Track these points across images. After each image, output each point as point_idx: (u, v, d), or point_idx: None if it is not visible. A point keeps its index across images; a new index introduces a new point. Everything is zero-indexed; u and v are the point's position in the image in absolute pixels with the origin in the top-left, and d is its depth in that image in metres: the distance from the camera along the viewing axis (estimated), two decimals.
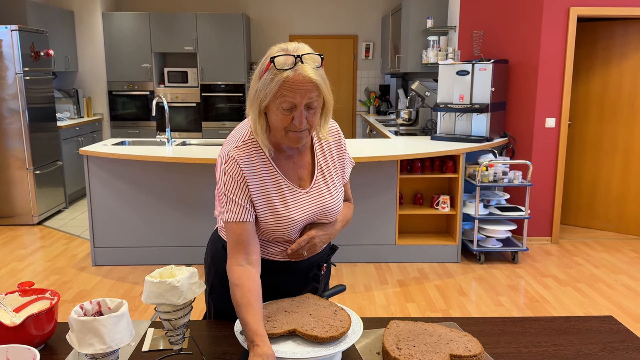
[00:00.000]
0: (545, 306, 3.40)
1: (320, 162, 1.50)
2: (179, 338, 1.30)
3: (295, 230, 1.45)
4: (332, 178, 1.51)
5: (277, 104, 1.30)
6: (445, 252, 4.18)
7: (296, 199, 1.43)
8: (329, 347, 1.24)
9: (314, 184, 1.47)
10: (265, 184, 1.40)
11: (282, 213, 1.41)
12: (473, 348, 1.34)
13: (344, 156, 1.57)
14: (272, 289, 1.51)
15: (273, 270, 1.51)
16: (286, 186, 1.42)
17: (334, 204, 1.50)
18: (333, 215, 1.51)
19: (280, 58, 1.28)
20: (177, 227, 4.07)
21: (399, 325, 1.45)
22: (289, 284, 1.56)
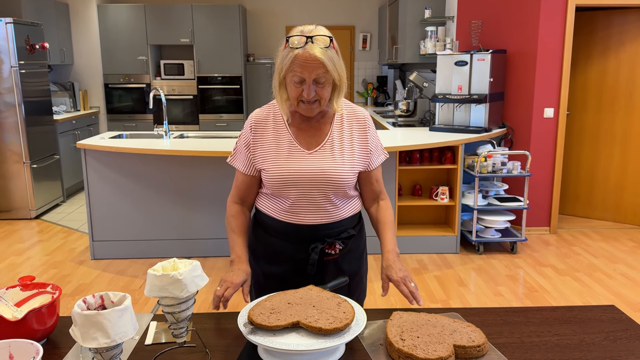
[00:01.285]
0: (544, 296, 3.42)
1: (334, 135, 1.61)
2: (182, 331, 1.29)
3: (297, 187, 1.56)
4: (342, 150, 1.59)
5: (290, 77, 1.49)
6: (444, 243, 4.18)
7: (299, 156, 1.57)
8: (332, 338, 1.24)
9: (320, 148, 1.58)
10: (272, 140, 1.59)
11: (282, 165, 1.56)
12: (476, 338, 1.34)
13: (368, 143, 1.64)
14: (271, 250, 1.67)
15: (275, 228, 1.65)
16: (293, 146, 1.58)
17: (336, 170, 1.57)
18: (334, 183, 1.57)
19: (295, 38, 1.48)
20: (175, 220, 4.06)
21: (402, 317, 1.45)
22: (288, 249, 1.65)
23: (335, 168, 1.57)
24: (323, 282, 1.61)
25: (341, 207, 1.64)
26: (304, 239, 1.63)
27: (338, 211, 1.63)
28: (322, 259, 1.65)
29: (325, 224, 1.62)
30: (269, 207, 1.66)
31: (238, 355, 1.32)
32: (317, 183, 1.57)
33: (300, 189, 1.57)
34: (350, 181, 1.61)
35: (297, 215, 1.61)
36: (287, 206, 1.60)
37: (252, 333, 1.26)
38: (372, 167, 1.66)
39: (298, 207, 1.60)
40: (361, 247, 1.78)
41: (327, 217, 1.62)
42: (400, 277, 1.55)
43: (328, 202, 1.60)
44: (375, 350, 1.35)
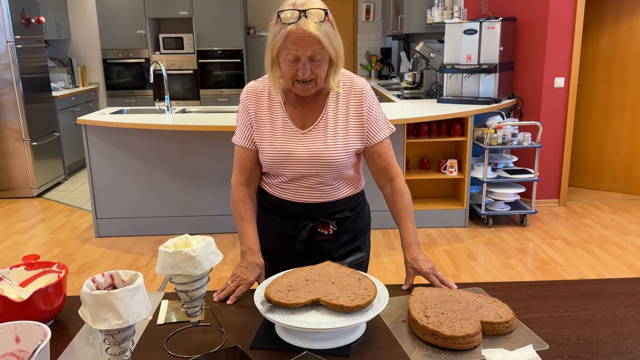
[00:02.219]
0: (556, 269, 3.37)
1: (329, 113, 1.51)
2: (196, 310, 1.23)
3: (290, 168, 1.50)
4: (335, 130, 1.50)
5: (283, 55, 1.39)
6: (453, 217, 4.12)
7: (292, 137, 1.50)
8: (355, 316, 1.18)
9: (313, 128, 1.50)
10: (267, 117, 1.52)
11: (276, 145, 1.50)
12: (504, 314, 1.28)
13: (364, 116, 1.52)
14: (263, 223, 1.63)
15: (268, 202, 1.60)
16: (287, 125, 1.51)
17: (329, 152, 1.49)
18: (325, 164, 1.50)
19: (287, 12, 1.36)
20: (179, 197, 3.99)
21: (424, 292, 1.38)
22: (280, 224, 1.60)
23: (327, 150, 1.49)
24: (317, 262, 1.52)
25: (337, 187, 1.57)
26: (297, 216, 1.58)
27: (333, 191, 1.56)
28: (315, 238, 1.59)
29: (318, 203, 1.56)
30: (264, 183, 1.60)
31: (255, 334, 1.26)
32: (310, 165, 1.50)
33: (294, 169, 1.51)
34: (344, 163, 1.52)
35: (290, 193, 1.55)
36: (281, 183, 1.55)
37: (270, 311, 1.20)
38: (372, 142, 1.55)
39: (292, 185, 1.54)
40: (361, 228, 1.68)
41: (321, 196, 1.55)
42: (429, 268, 1.48)
43: (322, 183, 1.54)
44: (398, 328, 1.29)
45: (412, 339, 1.24)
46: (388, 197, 1.59)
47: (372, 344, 1.21)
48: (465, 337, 1.19)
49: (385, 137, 1.56)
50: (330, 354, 1.17)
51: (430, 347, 1.20)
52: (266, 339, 1.23)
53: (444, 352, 1.18)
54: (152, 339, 1.26)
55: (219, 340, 1.25)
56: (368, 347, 1.20)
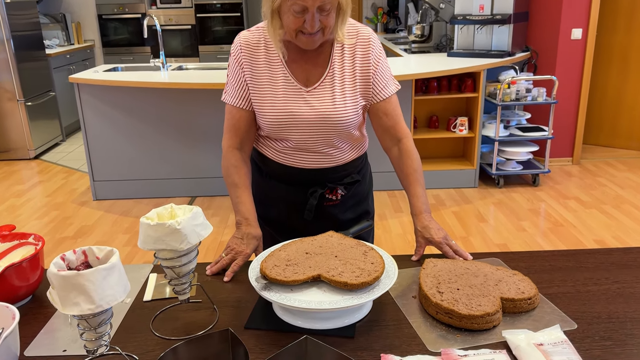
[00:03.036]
0: (570, 230, 3.24)
1: (335, 67, 1.35)
2: (185, 287, 1.11)
3: (295, 131, 1.35)
4: (343, 85, 1.35)
5: (288, 5, 1.22)
6: (463, 177, 3.97)
7: (295, 95, 1.35)
8: (360, 294, 1.05)
9: (319, 85, 1.35)
10: (265, 73, 1.35)
11: (279, 107, 1.34)
12: (526, 289, 1.15)
13: (370, 69, 1.36)
14: (265, 190, 1.50)
15: (271, 169, 1.46)
16: (289, 82, 1.35)
17: (338, 112, 1.34)
18: (333, 125, 1.35)
19: None
20: (178, 159, 3.85)
21: (436, 265, 1.26)
22: (285, 191, 1.47)
23: (336, 109, 1.34)
24: (323, 229, 1.38)
25: (345, 150, 1.42)
26: (303, 182, 1.44)
27: (342, 155, 1.42)
28: (322, 204, 1.46)
29: (327, 168, 1.42)
30: (264, 147, 1.45)
31: (251, 312, 1.14)
32: (318, 126, 1.35)
33: (299, 132, 1.36)
34: (354, 121, 1.37)
35: (295, 159, 1.41)
36: (285, 149, 1.41)
37: (266, 289, 1.08)
38: (379, 99, 1.38)
39: (297, 151, 1.39)
40: (365, 190, 1.56)
41: (329, 161, 1.41)
42: (442, 237, 1.34)
43: (330, 146, 1.39)
44: (408, 304, 1.17)
45: (423, 318, 1.12)
46: (395, 160, 1.44)
47: (380, 323, 1.09)
48: (484, 317, 1.06)
49: (392, 93, 1.40)
50: (333, 334, 1.06)
51: (444, 326, 1.08)
52: (263, 319, 1.11)
53: (460, 332, 1.06)
54: (137, 317, 1.15)
55: (211, 319, 1.13)
56: (375, 326, 1.08)
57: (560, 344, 0.98)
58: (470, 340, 1.04)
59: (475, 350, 0.99)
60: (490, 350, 0.99)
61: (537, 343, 0.98)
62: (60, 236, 3.29)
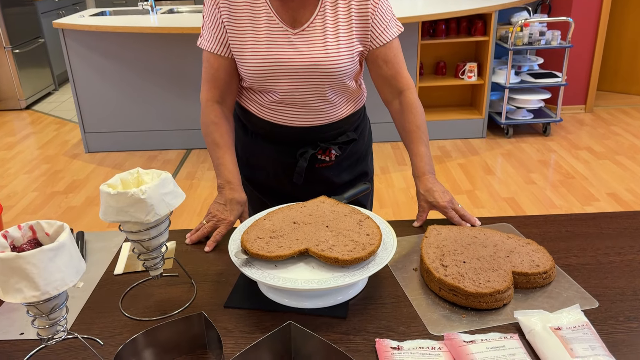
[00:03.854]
0: (582, 183, 3.09)
1: (327, 5, 1.17)
2: (156, 262, 0.99)
3: (281, 81, 1.18)
4: (336, 27, 1.18)
5: None
6: (470, 127, 3.80)
7: (281, 38, 1.17)
8: (353, 271, 0.92)
9: (308, 27, 1.17)
10: (245, 15, 1.18)
11: (261, 53, 1.17)
12: (541, 261, 1.02)
13: (369, 8, 1.18)
14: (250, 150, 1.34)
15: (257, 127, 1.30)
16: (273, 22, 1.17)
17: (328, 59, 1.16)
18: (325, 74, 1.17)
19: None
20: (172, 109, 3.68)
21: (440, 233, 1.12)
22: (272, 151, 1.31)
23: (328, 55, 1.16)
24: (316, 193, 1.23)
25: (339, 104, 1.25)
26: (291, 142, 1.28)
27: (335, 110, 1.25)
28: (314, 166, 1.31)
29: (318, 125, 1.25)
30: (247, 101, 1.28)
31: (233, 287, 1.02)
32: (307, 75, 1.18)
33: (286, 83, 1.19)
34: (349, 69, 1.19)
35: (282, 115, 1.24)
36: (270, 103, 1.24)
37: (247, 265, 0.95)
38: (378, 44, 1.21)
39: (284, 105, 1.22)
40: (363, 149, 1.40)
41: (321, 117, 1.25)
42: (447, 201, 1.20)
43: (322, 99, 1.22)
44: (408, 278, 1.04)
45: (425, 294, 0.99)
46: (396, 115, 1.28)
47: (375, 301, 0.97)
48: (493, 294, 0.94)
49: (394, 37, 1.22)
50: (323, 314, 0.94)
51: (448, 305, 0.96)
52: (245, 296, 0.99)
53: (466, 311, 0.94)
54: (106, 294, 1.03)
55: (188, 296, 1.01)
56: (370, 304, 0.96)
57: (580, 329, 0.86)
58: (477, 322, 0.92)
59: (483, 335, 0.87)
60: (499, 334, 0.87)
61: (554, 327, 0.86)
62: (50, 191, 3.18)
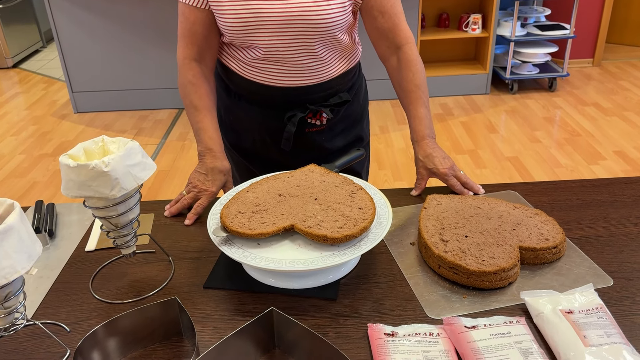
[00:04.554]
0: (588, 140, 2.98)
1: None
2: (128, 240, 0.90)
3: (265, 35, 1.06)
4: None
5: None
6: (473, 83, 3.65)
7: None
8: (344, 250, 0.83)
9: None
10: None
11: (240, 1, 1.03)
12: (551, 235, 0.93)
13: None
14: (233, 113, 1.22)
15: (240, 87, 1.18)
16: None
17: (317, 9, 1.03)
18: (314, 26, 1.05)
19: None
20: (162, 67, 3.53)
21: (441, 203, 1.03)
22: (257, 114, 1.19)
23: (317, 3, 1.03)
24: (307, 160, 1.12)
25: (330, 61, 1.13)
26: (278, 104, 1.16)
27: (325, 68, 1.13)
28: (304, 131, 1.19)
29: (307, 86, 1.13)
30: (228, 58, 1.16)
31: (214, 265, 0.94)
32: (293, 28, 1.05)
33: (269, 37, 1.06)
34: (340, 21, 1.06)
35: (267, 74, 1.12)
36: (254, 60, 1.11)
37: (227, 243, 0.86)
38: None
39: (268, 63, 1.10)
40: (358, 111, 1.28)
41: (310, 76, 1.13)
42: (448, 168, 1.10)
43: (311, 56, 1.09)
44: (404, 254, 0.96)
45: (423, 272, 0.91)
46: (393, 73, 1.16)
47: (369, 279, 0.89)
48: (498, 273, 0.85)
49: None
50: (312, 295, 0.86)
51: (447, 284, 0.88)
52: (226, 275, 0.91)
53: (467, 291, 0.86)
54: (75, 273, 0.95)
55: (165, 275, 0.93)
56: (363, 284, 0.88)
57: (594, 312, 0.77)
58: (480, 303, 0.84)
59: (486, 319, 0.78)
60: (504, 318, 0.79)
61: (565, 310, 0.78)
62: (38, 153, 3.08)
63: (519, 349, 0.73)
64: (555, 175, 2.62)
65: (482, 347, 0.73)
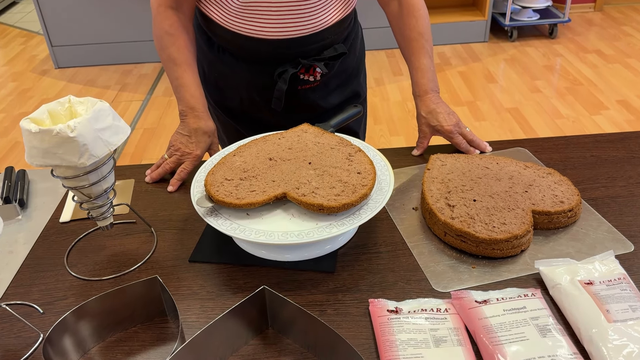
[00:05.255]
0: (590, 89, 2.88)
1: None
2: (104, 211, 0.81)
3: None
4: None
5: None
6: (471, 30, 3.50)
7: None
8: (342, 220, 0.76)
9: None
10: None
11: None
12: (566, 196, 0.86)
13: None
14: (218, 69, 1.10)
15: (224, 40, 1.06)
16: None
17: None
18: None
19: None
20: (144, 17, 3.35)
21: (445, 163, 0.95)
22: (244, 71, 1.07)
23: None
24: (300, 119, 1.02)
25: (321, 9, 1.00)
26: (267, 59, 1.04)
27: (317, 16, 1.00)
28: (297, 88, 1.08)
29: (298, 37, 1.01)
30: (208, 5, 1.03)
31: (200, 236, 0.86)
32: None
33: None
34: None
35: (253, 24, 0.99)
36: (237, 8, 0.99)
37: (213, 214, 0.78)
38: None
39: (253, 11, 0.97)
40: (355, 64, 1.17)
41: (301, 26, 1.00)
42: (453, 124, 1.00)
43: (301, 1, 0.97)
44: (406, 219, 0.88)
45: (427, 239, 0.84)
46: (394, 19, 1.06)
47: (369, 249, 0.82)
48: (510, 240, 0.78)
49: None
50: (307, 268, 0.79)
51: (455, 252, 0.81)
52: (214, 247, 0.84)
53: (476, 260, 0.79)
54: (49, 247, 0.87)
55: (147, 248, 0.86)
56: (362, 254, 0.81)
57: (617, 283, 0.71)
58: (490, 274, 0.77)
59: (498, 292, 0.72)
60: (518, 290, 0.72)
61: (585, 281, 0.71)
62: (19, 112, 2.95)
63: (536, 326, 0.66)
64: (557, 127, 2.53)
65: (495, 324, 0.67)
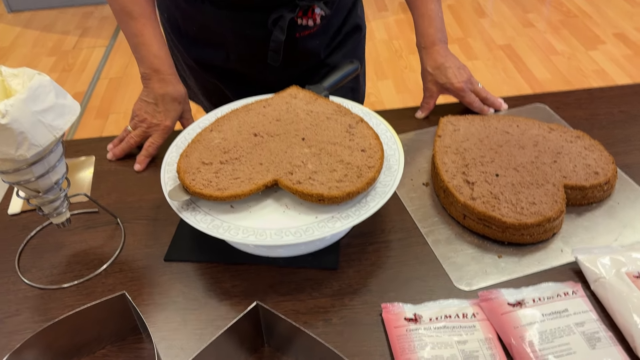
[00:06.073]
0: (586, 22, 2.72)
1: None
2: (57, 206, 0.67)
3: None
4: None
5: None
6: None
7: None
8: (346, 211, 0.63)
9: None
10: None
11: None
12: (599, 165, 0.74)
13: None
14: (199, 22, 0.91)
15: None
16: None
17: None
18: None
19: None
20: None
21: (458, 128, 0.82)
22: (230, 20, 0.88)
23: None
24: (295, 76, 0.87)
25: None
26: (257, 4, 0.85)
27: None
28: (294, 37, 0.90)
29: None
30: None
31: (177, 227, 0.73)
32: None
33: None
34: None
35: None
36: None
37: (189, 207, 0.64)
38: None
39: None
40: (351, 7, 1.00)
41: None
42: (464, 81, 0.86)
43: None
44: (417, 198, 0.76)
45: (443, 223, 0.72)
46: None
47: (377, 239, 0.70)
48: (542, 224, 0.67)
49: None
50: (306, 265, 0.67)
51: (476, 239, 0.70)
52: (194, 242, 0.71)
53: (501, 247, 0.68)
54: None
55: (113, 244, 0.73)
56: (369, 245, 0.69)
57: None
58: (520, 264, 0.66)
59: (533, 289, 0.61)
60: (556, 286, 0.62)
61: (634, 274, 0.61)
62: None
63: (582, 334, 0.56)
64: (552, 65, 2.40)
65: (534, 334, 0.56)
